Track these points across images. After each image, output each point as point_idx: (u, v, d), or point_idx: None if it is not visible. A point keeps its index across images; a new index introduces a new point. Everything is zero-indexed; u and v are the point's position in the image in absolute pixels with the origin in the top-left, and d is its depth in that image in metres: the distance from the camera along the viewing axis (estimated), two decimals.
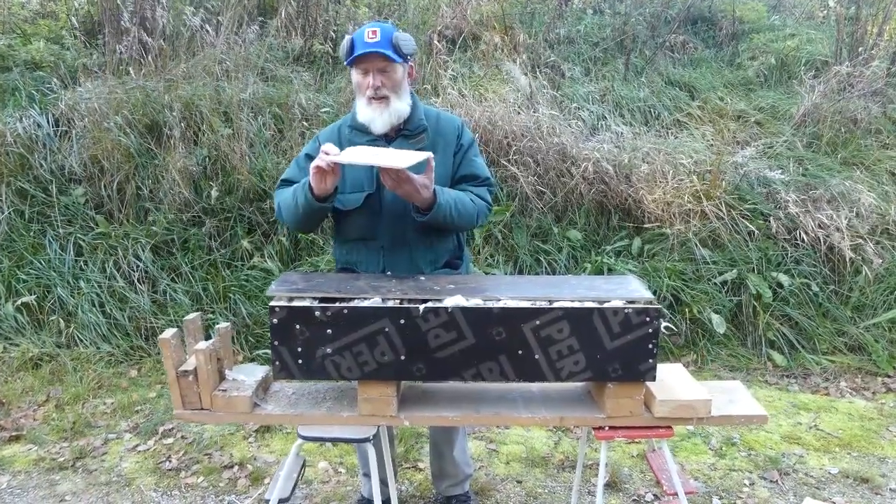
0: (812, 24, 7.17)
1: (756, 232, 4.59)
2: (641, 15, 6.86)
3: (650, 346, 1.74)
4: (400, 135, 2.18)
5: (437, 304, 1.75)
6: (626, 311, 1.72)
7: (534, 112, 4.98)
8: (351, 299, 1.79)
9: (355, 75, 2.13)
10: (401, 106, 2.14)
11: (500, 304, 1.76)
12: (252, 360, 3.91)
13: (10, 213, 4.44)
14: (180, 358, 1.95)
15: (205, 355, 1.88)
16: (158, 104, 4.74)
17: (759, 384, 4.01)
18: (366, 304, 1.77)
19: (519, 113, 4.96)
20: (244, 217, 4.53)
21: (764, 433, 3.35)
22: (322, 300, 1.80)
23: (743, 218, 4.63)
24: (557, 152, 4.81)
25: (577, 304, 1.76)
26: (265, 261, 4.35)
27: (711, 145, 5.36)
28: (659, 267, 4.46)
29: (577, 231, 4.69)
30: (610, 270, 4.44)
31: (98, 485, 2.93)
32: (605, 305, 1.75)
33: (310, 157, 2.25)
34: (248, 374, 2.00)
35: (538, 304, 1.77)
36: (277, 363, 1.79)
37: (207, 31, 5.28)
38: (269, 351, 2.14)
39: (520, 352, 1.75)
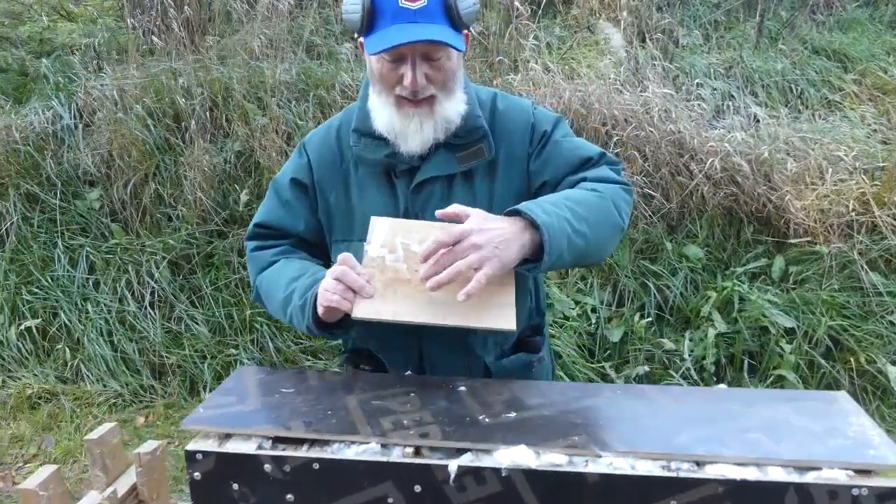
0: None
1: None
2: None
3: None
4: (441, 146, 1.30)
5: (481, 463, 0.93)
6: (853, 491, 0.87)
7: (641, 91, 3.91)
8: (327, 443, 1.01)
9: (375, 59, 1.23)
10: (451, 108, 1.26)
11: (601, 468, 0.91)
12: None
13: (18, 220, 3.84)
14: None
15: None
16: (185, 89, 4.00)
17: None
18: (352, 453, 0.98)
19: (622, 92, 3.91)
20: None
21: None
22: (277, 441, 1.02)
23: None
24: (672, 143, 3.73)
25: (753, 474, 0.91)
26: None
27: (874, 131, 4.12)
28: (811, 298, 3.35)
29: (697, 247, 3.62)
30: (742, 300, 3.38)
31: None
32: (811, 479, 0.89)
33: (296, 183, 1.39)
34: None
35: (675, 469, 0.92)
36: None
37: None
38: None
39: None
